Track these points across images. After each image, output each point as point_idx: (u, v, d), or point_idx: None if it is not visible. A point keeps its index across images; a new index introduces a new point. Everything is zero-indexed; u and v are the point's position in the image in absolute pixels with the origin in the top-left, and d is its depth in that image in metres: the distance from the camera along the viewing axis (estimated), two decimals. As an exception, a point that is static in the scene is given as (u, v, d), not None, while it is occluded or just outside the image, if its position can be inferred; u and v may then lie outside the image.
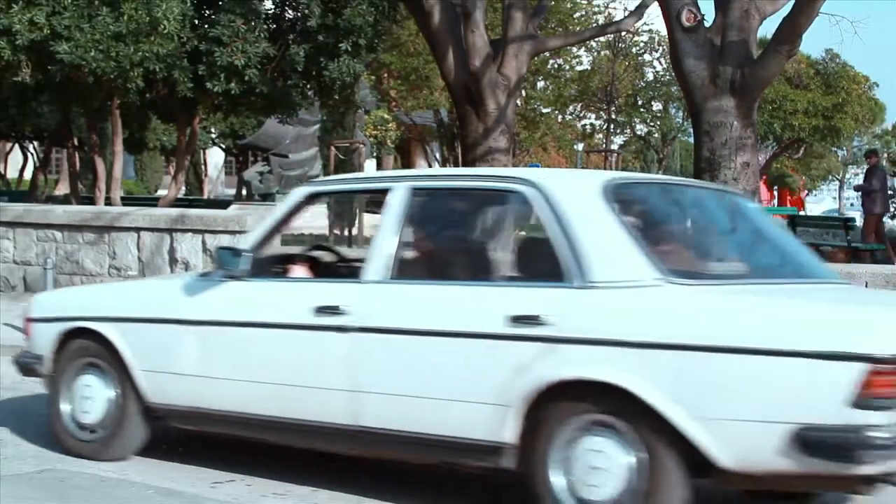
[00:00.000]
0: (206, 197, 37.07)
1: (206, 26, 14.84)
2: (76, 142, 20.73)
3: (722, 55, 10.98)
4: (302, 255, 6.18)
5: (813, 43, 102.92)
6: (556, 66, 31.76)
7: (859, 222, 20.20)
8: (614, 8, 31.09)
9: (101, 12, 13.66)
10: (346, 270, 5.79)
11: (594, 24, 28.77)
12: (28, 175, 31.71)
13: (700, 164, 11.19)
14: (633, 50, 33.51)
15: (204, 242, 11.44)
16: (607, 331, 4.50)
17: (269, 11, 15.76)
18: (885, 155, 50.86)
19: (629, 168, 46.90)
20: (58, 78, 14.40)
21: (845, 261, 16.83)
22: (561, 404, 4.58)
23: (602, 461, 4.48)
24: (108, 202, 16.44)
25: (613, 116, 34.53)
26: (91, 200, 17.93)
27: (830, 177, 59.21)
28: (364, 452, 5.31)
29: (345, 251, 6.64)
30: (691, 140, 17.65)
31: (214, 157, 45.60)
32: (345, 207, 19.61)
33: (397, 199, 5.25)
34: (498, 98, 12.39)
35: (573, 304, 4.61)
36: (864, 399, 4.04)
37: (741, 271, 5.11)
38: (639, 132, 36.93)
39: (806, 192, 55.94)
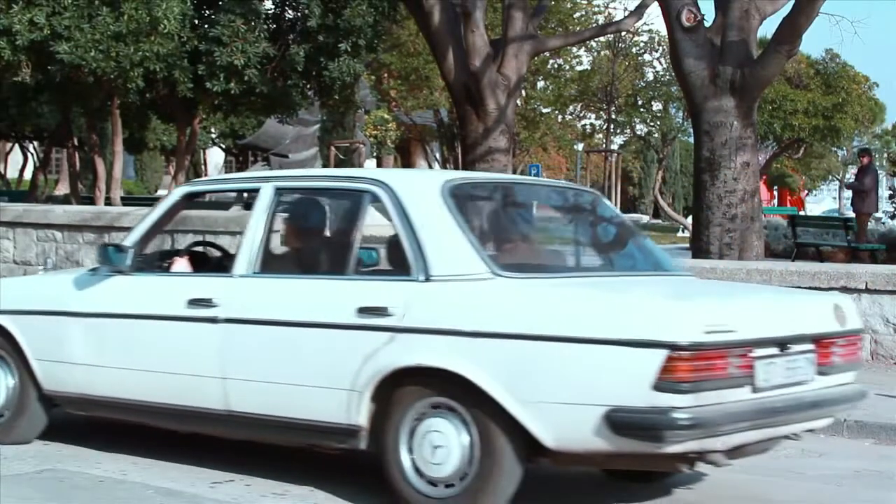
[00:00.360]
0: (206, 198, 36.97)
1: (206, 26, 14.85)
2: (76, 142, 20.75)
3: (722, 55, 10.99)
4: (186, 250, 6.53)
5: (813, 43, 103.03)
6: (556, 66, 31.76)
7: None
8: (614, 8, 31.09)
9: (101, 12, 13.67)
10: (225, 265, 6.01)
11: (594, 24, 28.77)
12: (28, 175, 31.72)
13: (700, 164, 11.21)
14: (633, 50, 33.46)
15: (204, 243, 11.41)
16: (443, 321, 4.84)
17: (269, 11, 15.77)
18: (886, 155, 50.86)
19: (630, 167, 46.98)
20: (58, 78, 14.41)
21: (845, 261, 16.81)
22: (405, 389, 4.93)
23: (442, 441, 4.82)
24: (108, 202, 16.46)
25: (613, 116, 34.51)
26: (91, 200, 17.94)
27: (830, 177, 59.17)
28: (237, 436, 5.64)
29: (227, 247, 6.92)
30: (691, 140, 17.63)
31: (214, 157, 45.58)
32: None
33: (264, 198, 5.61)
34: (498, 98, 12.39)
35: (415, 297, 4.95)
36: (667, 383, 4.34)
37: (573, 265, 5.56)
38: (639, 132, 36.86)
39: (806, 192, 55.93)
